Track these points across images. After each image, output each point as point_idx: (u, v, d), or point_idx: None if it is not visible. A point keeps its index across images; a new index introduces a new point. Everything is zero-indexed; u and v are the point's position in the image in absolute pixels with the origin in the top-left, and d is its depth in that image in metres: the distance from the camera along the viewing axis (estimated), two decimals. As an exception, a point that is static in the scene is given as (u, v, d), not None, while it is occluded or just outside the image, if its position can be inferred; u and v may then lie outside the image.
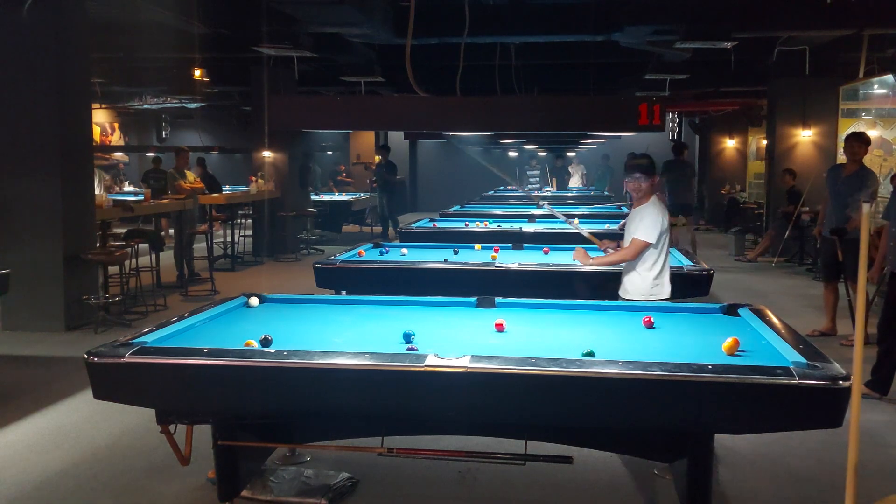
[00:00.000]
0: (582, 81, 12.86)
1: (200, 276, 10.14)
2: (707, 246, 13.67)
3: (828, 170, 7.51)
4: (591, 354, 3.29)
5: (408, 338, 3.69)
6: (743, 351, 3.44)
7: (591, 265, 5.03)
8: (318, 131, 19.52)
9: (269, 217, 12.56)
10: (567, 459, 3.59)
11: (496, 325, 4.10)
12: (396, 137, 20.17)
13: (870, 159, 7.66)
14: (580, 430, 3.49)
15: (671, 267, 6.17)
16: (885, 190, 7.99)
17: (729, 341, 3.44)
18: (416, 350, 3.35)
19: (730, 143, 18.46)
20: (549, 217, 9.40)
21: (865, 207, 2.46)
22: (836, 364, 3.06)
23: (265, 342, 3.50)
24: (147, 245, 9.12)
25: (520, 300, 4.63)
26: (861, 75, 9.61)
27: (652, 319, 4.03)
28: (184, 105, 16.35)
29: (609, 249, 5.09)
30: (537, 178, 20.39)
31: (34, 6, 7.10)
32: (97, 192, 8.72)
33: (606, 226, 9.72)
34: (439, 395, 3.19)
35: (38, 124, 7.37)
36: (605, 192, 17.63)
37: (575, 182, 20.92)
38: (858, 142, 6.89)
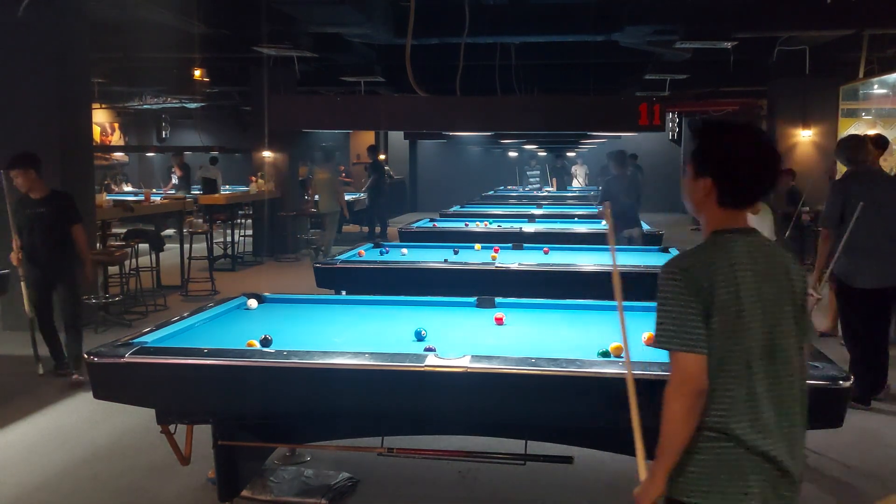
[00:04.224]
0: (582, 81, 12.85)
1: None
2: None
3: (844, 172, 7.47)
4: (606, 354, 3.29)
5: (420, 336, 3.68)
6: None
7: None
8: (318, 131, 19.51)
9: (269, 217, 12.56)
10: (567, 459, 3.60)
11: (496, 318, 4.11)
12: (396, 137, 20.16)
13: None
14: (580, 430, 3.49)
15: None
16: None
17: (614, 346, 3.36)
18: (434, 349, 3.31)
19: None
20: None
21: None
22: (837, 364, 3.06)
23: (265, 342, 3.50)
24: (147, 245, 9.12)
25: (520, 300, 4.63)
26: (861, 75, 9.60)
27: None
28: (184, 105, 16.34)
29: None
30: (537, 179, 20.36)
31: (34, 6, 7.09)
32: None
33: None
34: (439, 395, 3.19)
35: (38, 124, 7.37)
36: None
37: (579, 182, 20.84)
38: None
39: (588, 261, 6.43)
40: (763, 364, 2.02)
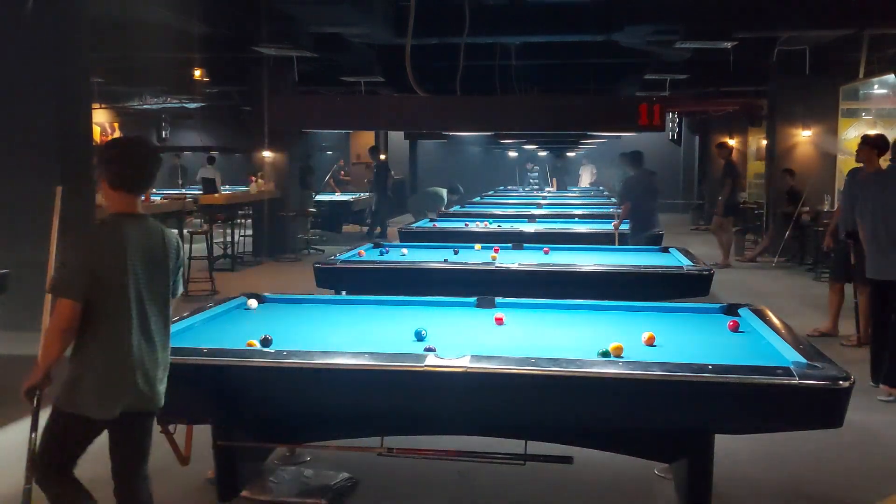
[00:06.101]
0: (582, 81, 12.86)
1: None
2: (707, 246, 13.67)
3: (848, 172, 7.49)
4: (606, 354, 3.30)
5: (420, 336, 3.68)
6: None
7: None
8: (318, 131, 19.52)
9: (269, 217, 12.55)
10: (567, 459, 3.59)
11: (496, 318, 4.11)
12: (396, 137, 20.16)
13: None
14: (580, 430, 3.49)
15: (671, 267, 6.19)
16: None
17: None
18: (434, 349, 3.31)
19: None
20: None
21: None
22: (837, 364, 3.06)
23: (265, 342, 3.50)
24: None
25: (520, 300, 4.63)
26: (861, 75, 9.61)
27: (738, 324, 4.00)
28: (184, 105, 16.34)
29: None
30: (537, 179, 20.35)
31: (34, 6, 7.09)
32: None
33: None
34: (439, 395, 3.19)
35: (37, 124, 7.36)
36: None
37: (585, 182, 20.80)
38: (860, 144, 6.86)
39: (588, 261, 6.43)
40: (135, 311, 2.80)
